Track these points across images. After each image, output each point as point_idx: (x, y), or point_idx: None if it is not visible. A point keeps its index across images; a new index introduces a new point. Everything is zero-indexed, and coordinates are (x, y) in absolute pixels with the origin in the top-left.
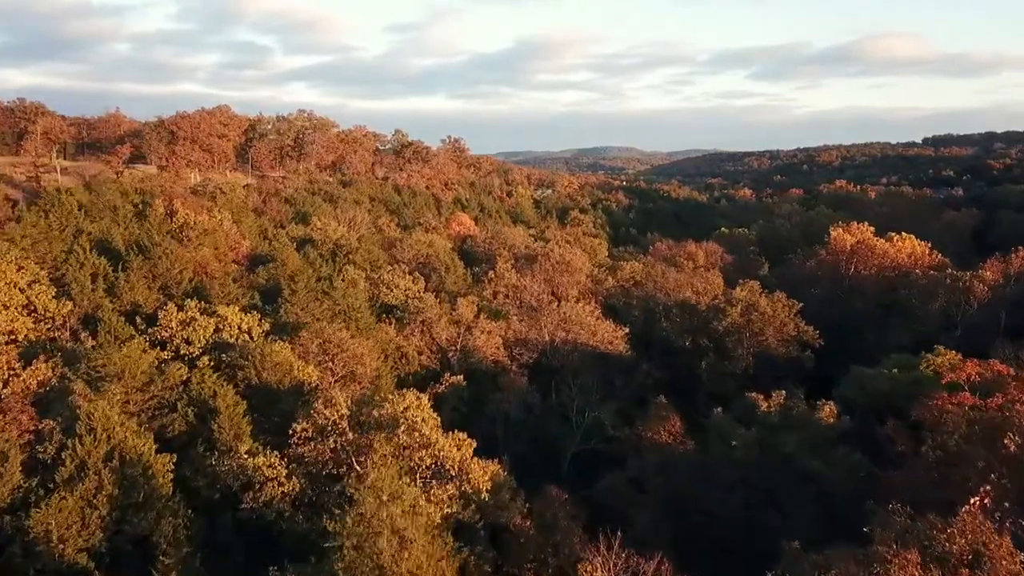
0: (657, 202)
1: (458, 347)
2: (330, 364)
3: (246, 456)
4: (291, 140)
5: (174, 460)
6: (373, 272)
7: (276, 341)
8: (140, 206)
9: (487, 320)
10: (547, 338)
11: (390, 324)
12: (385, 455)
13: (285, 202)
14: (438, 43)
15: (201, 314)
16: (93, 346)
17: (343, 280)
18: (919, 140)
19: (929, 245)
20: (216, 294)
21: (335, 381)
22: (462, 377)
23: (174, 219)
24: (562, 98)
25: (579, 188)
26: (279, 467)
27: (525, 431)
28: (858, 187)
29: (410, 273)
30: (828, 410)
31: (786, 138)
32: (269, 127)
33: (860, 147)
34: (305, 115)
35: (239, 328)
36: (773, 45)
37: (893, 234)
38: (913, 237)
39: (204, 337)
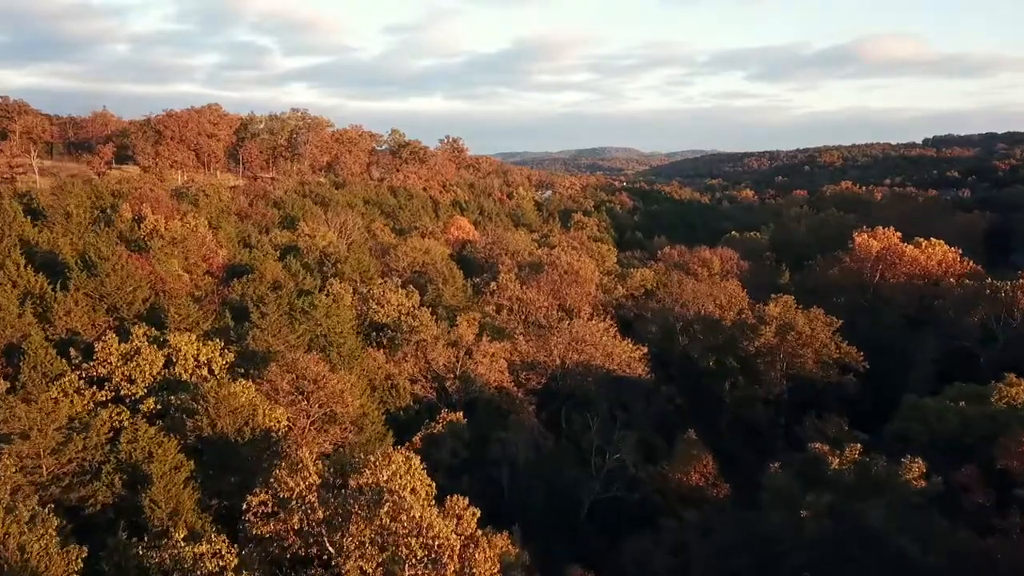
0: (661, 204)
1: (457, 373)
2: (304, 404)
3: (183, 544)
4: (284, 140)
5: (84, 555)
6: (362, 285)
7: (239, 378)
8: (108, 212)
9: (489, 341)
10: (557, 361)
11: (379, 349)
12: (363, 542)
13: (273, 205)
14: (436, 44)
15: (150, 344)
16: (9, 390)
17: (327, 295)
18: (919, 141)
19: (960, 251)
20: (173, 318)
21: (310, 425)
22: (461, 414)
23: (142, 226)
24: (561, 99)
25: (581, 189)
26: (228, 555)
27: (535, 476)
28: (863, 188)
29: (403, 286)
30: (916, 469)
31: (785, 139)
32: (261, 126)
33: (861, 148)
34: (299, 114)
35: (195, 361)
36: (771, 46)
37: (921, 239)
38: (943, 243)
39: (150, 374)
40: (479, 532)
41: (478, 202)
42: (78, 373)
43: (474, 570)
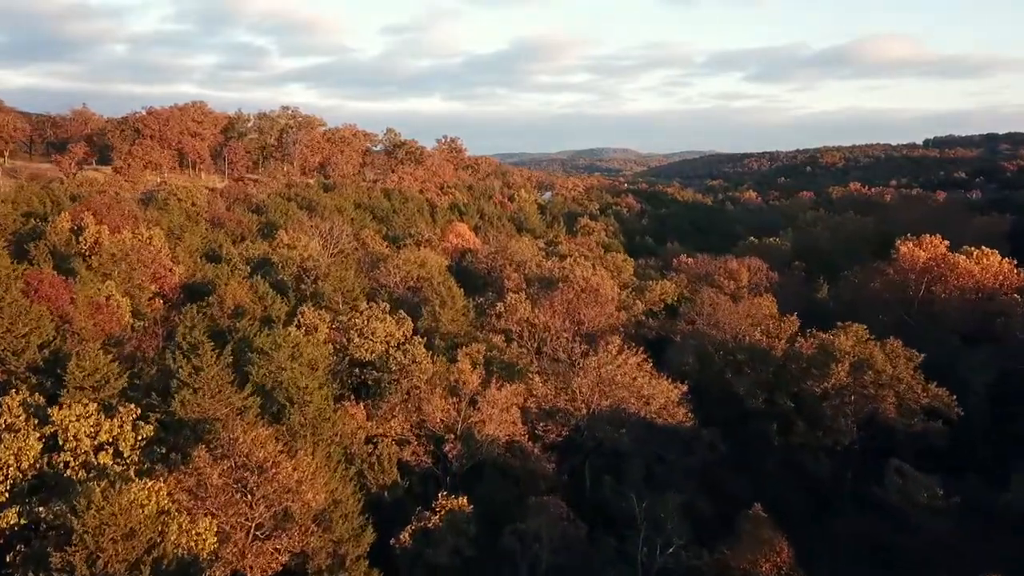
0: (669, 206)
1: (458, 432)
2: (246, 505)
3: None
4: (274, 140)
5: None
6: (344, 308)
7: (158, 463)
8: (46, 221)
9: (499, 385)
10: (584, 410)
11: (359, 402)
12: None
13: (253, 210)
14: (435, 44)
15: (28, 418)
16: None
17: (298, 325)
18: (919, 141)
19: (1015, 262)
20: (72, 375)
21: (254, 530)
22: (465, 500)
23: (81, 239)
24: (559, 99)
25: (585, 191)
26: None
27: None
28: (871, 190)
29: (393, 310)
30: None
31: (784, 140)
32: (249, 125)
33: (862, 148)
34: (289, 112)
35: (90, 441)
36: (770, 47)
37: (971, 248)
38: (997, 253)
39: (19, 468)
40: None
41: (478, 205)
42: None
43: None
